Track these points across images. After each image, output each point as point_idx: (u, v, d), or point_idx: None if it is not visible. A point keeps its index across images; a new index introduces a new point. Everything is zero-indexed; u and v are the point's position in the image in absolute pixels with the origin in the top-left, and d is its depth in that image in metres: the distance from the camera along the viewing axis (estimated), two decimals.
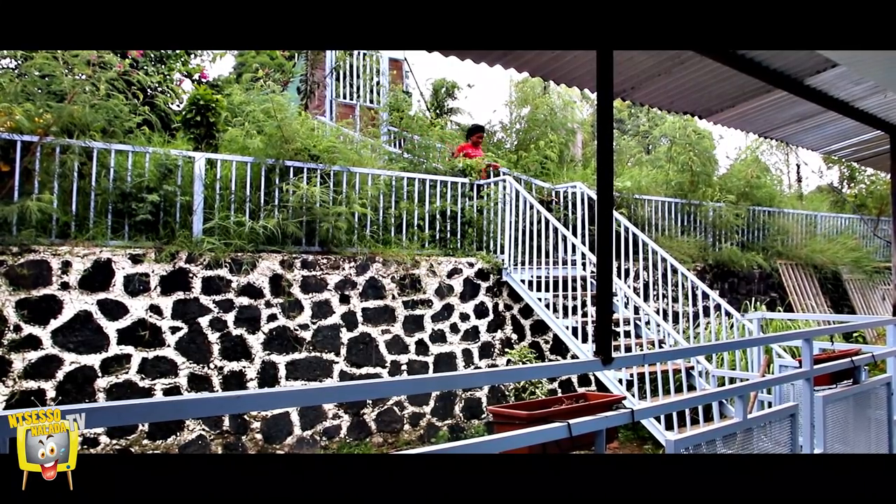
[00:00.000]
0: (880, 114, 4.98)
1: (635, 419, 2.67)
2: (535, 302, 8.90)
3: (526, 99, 14.37)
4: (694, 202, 12.55)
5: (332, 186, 8.52)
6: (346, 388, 2.15)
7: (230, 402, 1.66)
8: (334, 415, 7.95)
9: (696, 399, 3.98)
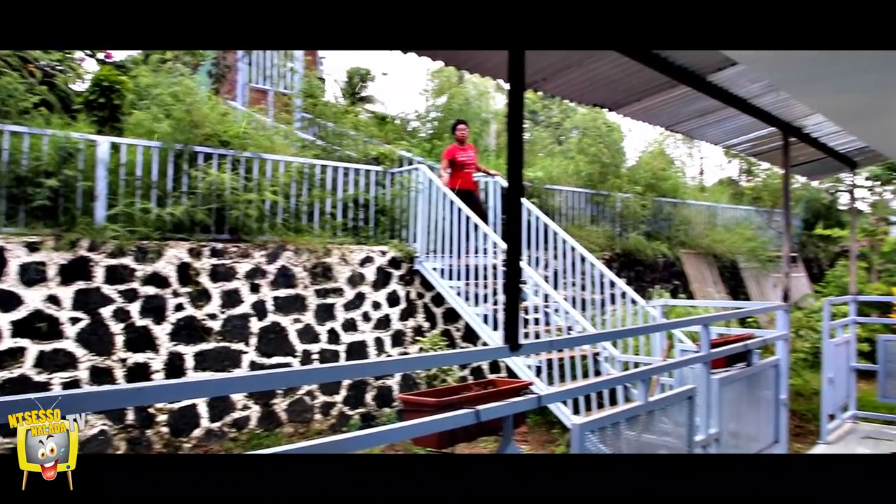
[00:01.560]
0: (774, 111, 5.22)
1: (543, 404, 2.73)
2: (447, 290, 8.97)
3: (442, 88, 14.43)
4: (603, 193, 12.88)
5: (243, 173, 8.35)
6: (256, 377, 2.12)
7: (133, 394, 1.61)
8: (244, 405, 7.81)
9: (601, 384, 4.11)
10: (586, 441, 2.96)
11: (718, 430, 4.18)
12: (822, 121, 5.51)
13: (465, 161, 9.57)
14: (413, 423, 2.18)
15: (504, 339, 2.60)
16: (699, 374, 4.25)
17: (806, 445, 7.39)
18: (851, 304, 7.14)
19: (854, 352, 7.07)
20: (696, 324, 4.60)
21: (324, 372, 3.09)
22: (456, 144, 9.68)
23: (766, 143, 6.31)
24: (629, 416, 3.30)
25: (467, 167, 9.61)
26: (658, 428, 3.57)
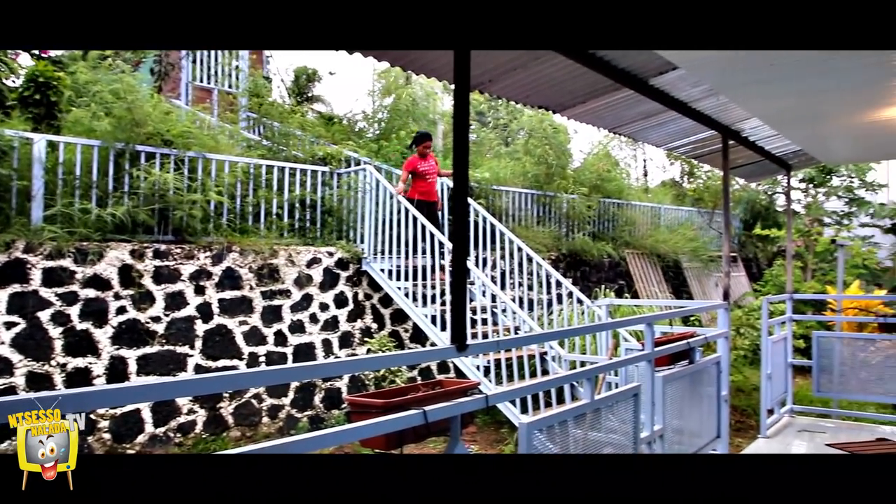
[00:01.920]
0: (714, 115, 5.36)
1: (490, 404, 2.75)
2: (395, 291, 8.96)
3: (389, 89, 14.40)
4: (549, 194, 13.01)
5: (187, 173, 8.22)
6: (202, 380, 2.09)
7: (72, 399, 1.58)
8: (189, 410, 7.68)
9: (547, 383, 4.14)
10: (534, 440, 2.99)
11: (663, 426, 4.26)
12: (759, 125, 5.67)
13: (425, 171, 9.40)
14: (361, 424, 2.18)
15: (451, 339, 2.62)
16: (644, 372, 4.33)
17: (747, 440, 7.59)
18: (788, 302, 7.36)
19: (791, 348, 7.29)
20: (640, 323, 4.68)
21: (271, 374, 3.06)
22: (417, 156, 9.43)
23: (706, 145, 6.45)
24: (576, 414, 3.35)
25: (429, 177, 9.46)
26: (604, 425, 3.63)
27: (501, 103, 17.65)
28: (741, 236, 17.89)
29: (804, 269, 15.18)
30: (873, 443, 6.10)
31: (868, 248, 15.29)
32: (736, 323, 10.69)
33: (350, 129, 13.40)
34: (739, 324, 10.77)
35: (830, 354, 7.16)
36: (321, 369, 3.76)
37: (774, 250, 17.77)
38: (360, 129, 13.93)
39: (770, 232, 16.07)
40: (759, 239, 17.36)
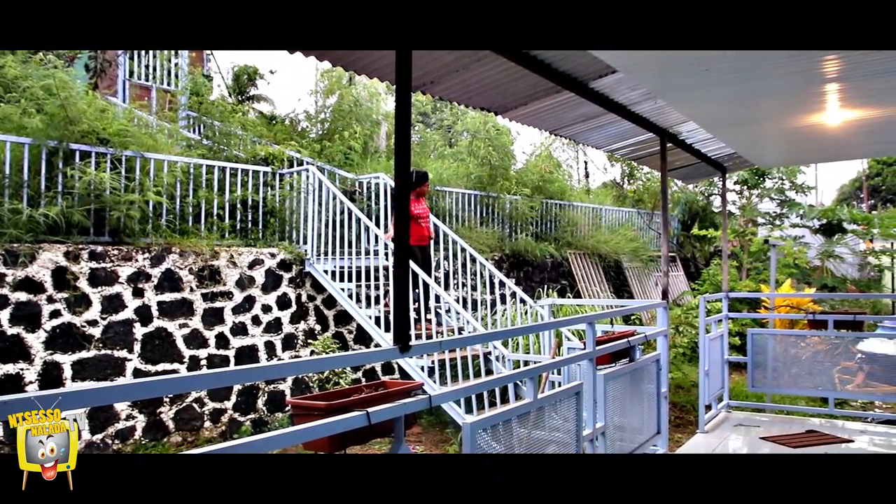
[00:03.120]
0: (652, 118, 5.47)
1: (433, 404, 2.76)
2: (339, 292, 8.91)
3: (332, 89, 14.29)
4: (492, 195, 13.10)
5: (125, 173, 8.03)
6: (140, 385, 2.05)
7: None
8: (128, 415, 7.50)
9: (491, 382, 4.16)
10: (478, 439, 3.01)
11: (604, 423, 4.34)
12: (696, 128, 5.81)
13: (419, 215, 8.86)
14: (304, 427, 2.17)
15: (394, 340, 2.62)
16: (586, 370, 4.40)
17: (686, 435, 7.77)
18: (724, 301, 7.56)
19: (727, 346, 7.49)
20: (581, 322, 4.76)
21: (212, 377, 3.02)
22: (412, 197, 8.75)
23: (645, 147, 6.59)
24: (520, 413, 3.38)
25: (422, 220, 8.92)
26: (548, 424, 3.67)
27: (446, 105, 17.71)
28: (679, 237, 18.31)
29: (739, 269, 15.61)
30: (803, 435, 6.32)
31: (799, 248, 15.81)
32: (675, 321, 10.94)
33: (292, 128, 13.27)
34: (678, 322, 11.02)
35: (764, 351, 7.39)
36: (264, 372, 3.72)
37: (711, 250, 18.23)
38: (303, 129, 13.80)
39: (707, 232, 16.48)
40: (697, 239, 17.79)
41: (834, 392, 7.42)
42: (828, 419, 7.05)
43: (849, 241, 17.11)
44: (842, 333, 7.35)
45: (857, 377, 8.81)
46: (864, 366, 8.69)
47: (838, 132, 5.62)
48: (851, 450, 5.93)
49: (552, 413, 3.70)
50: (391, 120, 15.75)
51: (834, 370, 7.71)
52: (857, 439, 6.23)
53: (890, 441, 6.41)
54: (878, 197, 29.13)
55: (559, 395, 3.84)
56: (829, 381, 7.49)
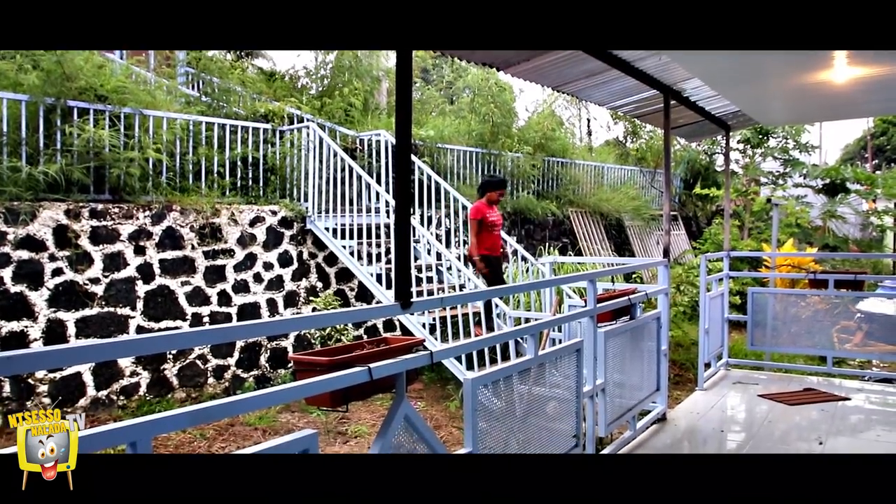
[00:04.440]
0: (656, 74, 5.40)
1: (435, 360, 2.78)
2: (340, 250, 8.91)
3: None
4: (494, 152, 13.02)
5: (123, 130, 7.98)
6: (144, 340, 2.07)
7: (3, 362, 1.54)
8: (132, 372, 7.57)
9: (492, 339, 4.20)
10: (479, 395, 3.04)
11: (604, 380, 4.37)
12: (700, 85, 5.75)
13: (494, 221, 8.03)
14: (305, 382, 2.18)
15: (395, 297, 2.63)
16: (586, 327, 4.42)
17: (685, 392, 7.84)
18: (725, 260, 7.57)
19: (727, 304, 7.52)
20: (583, 279, 4.76)
21: (215, 333, 3.03)
22: (485, 203, 7.96)
23: (648, 105, 6.52)
24: (520, 369, 3.41)
25: (496, 229, 8.13)
26: (548, 380, 3.70)
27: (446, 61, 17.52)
28: (682, 195, 18.26)
29: (741, 228, 15.61)
30: (801, 392, 6.38)
31: (801, 208, 15.79)
32: (676, 280, 10.97)
33: (292, 85, 13.13)
34: (679, 281, 11.05)
35: (764, 310, 7.42)
36: (266, 327, 3.74)
37: (713, 209, 18.20)
38: (303, 85, 13.65)
39: (709, 191, 16.44)
40: (699, 198, 17.75)
41: (832, 351, 7.48)
42: (825, 377, 7.11)
43: (851, 201, 17.09)
44: (842, 293, 7.37)
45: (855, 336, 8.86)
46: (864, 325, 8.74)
47: (845, 89, 5.55)
48: (848, 408, 5.99)
49: (553, 370, 3.73)
50: (392, 76, 15.59)
51: (833, 329, 7.75)
52: (854, 397, 6.29)
53: (885, 399, 6.47)
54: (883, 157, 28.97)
55: (560, 351, 3.87)
56: (827, 340, 7.53)
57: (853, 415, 5.88)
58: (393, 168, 10.17)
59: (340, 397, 2.42)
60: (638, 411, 5.06)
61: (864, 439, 5.20)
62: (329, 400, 2.44)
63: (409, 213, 2.73)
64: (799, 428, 5.51)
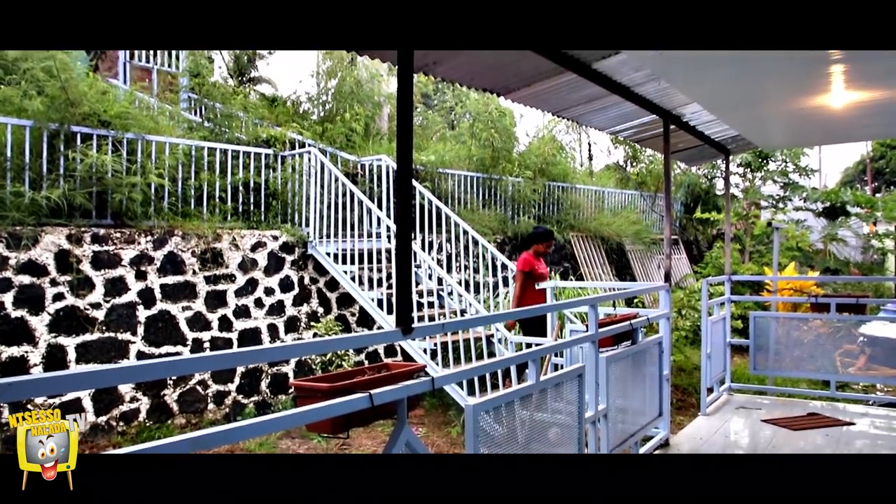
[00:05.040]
0: (655, 99, 5.43)
1: (436, 386, 2.77)
2: (341, 275, 8.91)
3: (333, 70, 14.22)
4: (494, 177, 13.06)
5: (126, 155, 8.01)
6: (144, 367, 2.06)
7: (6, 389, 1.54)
8: (132, 398, 7.54)
9: (493, 364, 4.19)
10: (481, 421, 3.02)
11: (607, 405, 4.35)
12: (699, 110, 5.78)
13: (543, 273, 7.72)
14: (306, 409, 2.18)
15: (396, 322, 2.62)
16: (588, 352, 4.41)
17: (688, 418, 7.80)
18: (727, 284, 7.56)
19: (729, 328, 7.50)
20: (584, 304, 4.76)
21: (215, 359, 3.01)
22: (532, 255, 7.70)
23: (648, 129, 6.55)
24: (522, 395, 3.39)
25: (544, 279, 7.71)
26: (550, 406, 3.69)
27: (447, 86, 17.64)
28: (682, 219, 18.28)
29: (742, 252, 15.61)
30: (804, 417, 6.34)
31: (801, 231, 15.80)
32: (677, 304, 10.94)
33: (294, 110, 13.22)
34: (681, 305, 11.02)
35: (766, 334, 7.40)
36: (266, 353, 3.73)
37: (714, 233, 18.21)
38: (305, 110, 13.75)
39: (710, 215, 16.46)
40: (700, 222, 17.77)
41: (835, 375, 7.44)
42: (829, 402, 7.07)
43: (852, 224, 17.10)
44: (844, 317, 7.35)
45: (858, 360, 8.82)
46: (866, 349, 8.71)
47: (843, 114, 5.58)
48: (853, 433, 5.95)
49: (555, 395, 3.71)
50: (393, 101, 15.70)
51: (836, 353, 7.72)
52: (858, 422, 6.25)
53: (891, 424, 6.42)
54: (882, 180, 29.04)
55: (561, 376, 3.85)
56: (830, 364, 7.50)
57: (858, 440, 5.83)
58: (394, 193, 10.20)
59: (342, 424, 2.41)
60: (641, 437, 5.03)
61: None
62: (330, 426, 2.43)
63: (411, 237, 2.73)
64: (804, 453, 5.46)
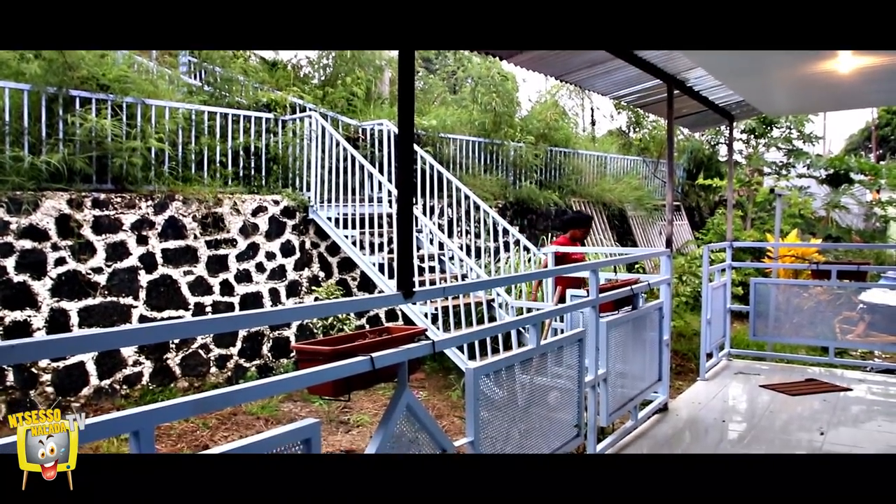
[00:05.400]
0: (659, 64, 5.38)
1: (437, 350, 2.78)
2: (342, 239, 8.91)
3: None
4: (496, 142, 12.99)
5: (126, 119, 7.96)
6: (146, 329, 2.07)
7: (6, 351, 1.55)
8: (135, 361, 7.59)
9: (493, 328, 4.21)
10: (481, 384, 3.05)
11: (606, 370, 4.38)
12: (704, 75, 5.72)
13: (577, 260, 7.09)
14: (308, 371, 2.19)
15: (397, 286, 2.63)
16: (588, 317, 4.42)
17: (687, 382, 7.85)
18: (728, 250, 7.56)
19: (730, 295, 7.52)
20: (585, 269, 4.76)
21: (217, 322, 3.04)
22: (568, 239, 7.29)
23: (652, 94, 6.50)
24: (522, 359, 3.41)
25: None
26: (550, 370, 3.71)
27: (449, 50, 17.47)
28: (684, 186, 18.22)
29: (744, 218, 15.57)
30: (803, 383, 6.38)
31: (804, 199, 15.75)
32: (678, 270, 10.95)
33: (294, 74, 13.09)
34: (682, 271, 11.03)
35: (767, 300, 7.42)
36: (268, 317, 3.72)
37: (716, 199, 18.16)
38: (305, 74, 13.62)
39: (712, 181, 16.39)
40: (702, 188, 17.71)
41: (834, 341, 7.47)
42: (827, 368, 7.11)
43: (855, 191, 17.04)
44: (844, 284, 7.36)
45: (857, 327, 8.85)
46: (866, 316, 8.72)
47: (850, 79, 5.52)
48: (850, 399, 5.99)
49: (555, 359, 3.74)
50: (394, 65, 15.55)
51: (835, 320, 7.74)
52: (856, 388, 6.29)
53: (887, 390, 6.47)
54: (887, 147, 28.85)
55: (562, 341, 3.87)
56: (829, 330, 7.53)
57: (855, 405, 5.88)
58: (395, 157, 10.16)
59: (343, 386, 2.42)
60: (640, 401, 5.07)
61: (866, 430, 5.21)
62: (331, 389, 2.44)
63: (412, 202, 2.72)
64: (801, 418, 5.51)
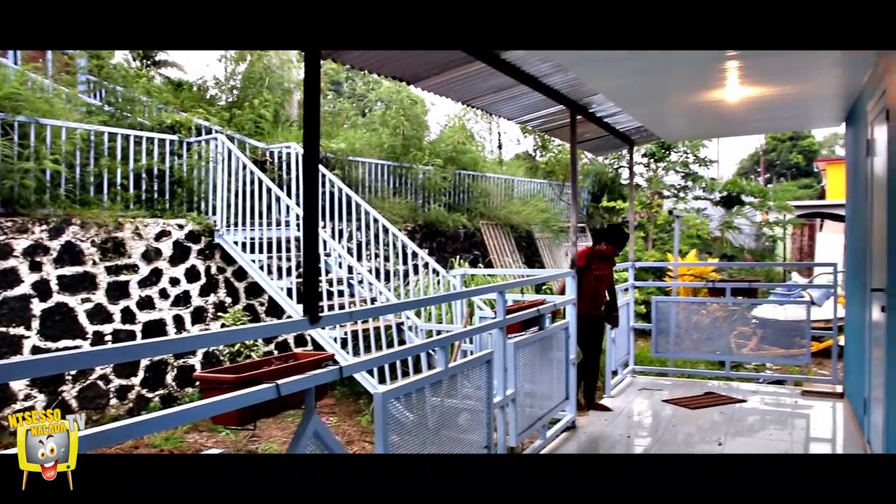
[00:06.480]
0: (563, 90, 5.55)
1: (344, 375, 2.77)
2: (249, 264, 8.75)
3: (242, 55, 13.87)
4: (405, 165, 13.06)
5: (18, 139, 7.62)
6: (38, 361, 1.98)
7: None
8: (26, 395, 7.21)
9: (402, 352, 4.22)
10: (391, 408, 3.04)
11: (515, 390, 4.45)
12: (605, 101, 5.95)
13: (600, 275, 6.49)
14: (211, 400, 2.15)
15: (304, 311, 2.61)
16: (496, 339, 4.49)
17: None
18: (630, 270, 7.82)
19: (633, 313, 7.76)
20: (492, 291, 4.84)
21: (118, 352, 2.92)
22: (593, 251, 6.56)
23: (556, 119, 6.69)
24: (432, 381, 3.43)
25: (601, 283, 6.52)
26: (460, 392, 3.74)
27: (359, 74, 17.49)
28: (589, 208, 18.73)
29: (646, 239, 16.13)
30: (702, 397, 6.64)
31: (701, 220, 16.47)
32: None
33: (201, 95, 12.84)
34: None
35: (668, 318, 7.71)
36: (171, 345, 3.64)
37: (619, 221, 18.74)
38: (212, 96, 13.37)
39: (616, 204, 16.93)
40: (606, 210, 18.23)
41: (730, 356, 7.83)
42: (724, 381, 7.43)
43: (747, 212, 17.93)
44: (738, 300, 7.74)
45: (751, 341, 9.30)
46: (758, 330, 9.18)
47: (737, 107, 5.86)
48: (745, 410, 6.27)
49: (464, 381, 3.77)
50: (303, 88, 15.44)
51: (731, 335, 8.12)
52: (750, 399, 6.60)
53: (778, 399, 6.81)
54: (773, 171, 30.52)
55: (471, 363, 3.91)
56: (726, 345, 7.88)
57: (749, 416, 6.16)
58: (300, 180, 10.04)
59: (248, 415, 2.39)
60: (548, 420, 5.16)
61: (759, 439, 5.48)
62: (236, 418, 2.40)
63: (318, 226, 2.72)
64: (701, 430, 5.73)
